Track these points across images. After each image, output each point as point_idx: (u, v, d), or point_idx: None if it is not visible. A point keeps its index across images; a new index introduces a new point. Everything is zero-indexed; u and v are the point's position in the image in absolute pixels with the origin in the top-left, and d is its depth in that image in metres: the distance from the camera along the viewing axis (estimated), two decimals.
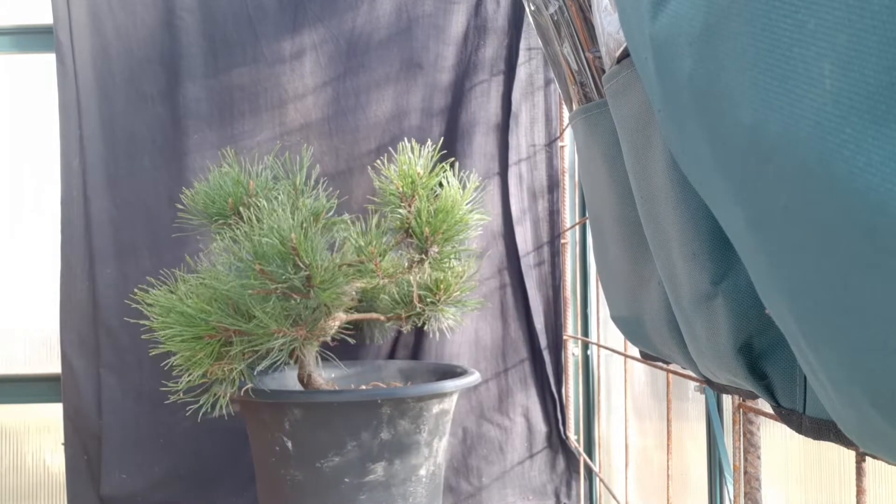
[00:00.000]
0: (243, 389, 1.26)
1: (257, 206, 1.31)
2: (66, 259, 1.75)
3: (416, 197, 1.36)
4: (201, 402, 1.23)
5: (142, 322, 1.25)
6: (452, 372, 1.53)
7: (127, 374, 1.74)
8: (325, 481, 1.31)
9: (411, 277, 1.41)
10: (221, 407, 1.23)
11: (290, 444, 1.33)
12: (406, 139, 1.76)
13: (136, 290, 1.29)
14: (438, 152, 1.41)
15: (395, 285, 1.48)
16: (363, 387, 1.60)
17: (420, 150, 1.40)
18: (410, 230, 1.38)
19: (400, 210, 1.38)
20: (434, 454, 1.38)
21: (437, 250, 1.36)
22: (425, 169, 1.38)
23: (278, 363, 1.23)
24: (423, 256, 1.37)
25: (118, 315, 1.74)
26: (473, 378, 1.42)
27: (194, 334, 1.19)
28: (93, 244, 1.74)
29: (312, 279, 1.21)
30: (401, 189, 1.37)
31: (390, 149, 1.63)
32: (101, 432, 1.73)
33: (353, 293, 1.43)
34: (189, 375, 1.19)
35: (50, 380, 1.83)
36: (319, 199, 1.47)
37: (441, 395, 1.35)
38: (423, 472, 1.35)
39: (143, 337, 1.24)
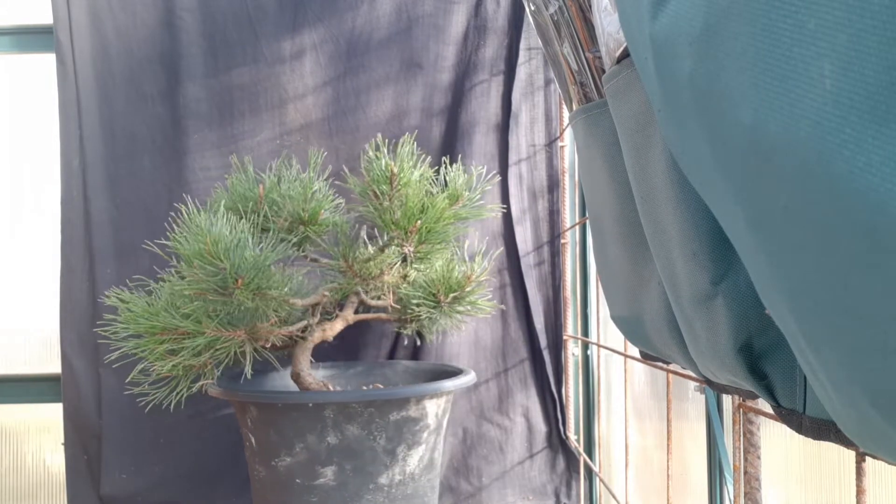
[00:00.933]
0: (198, 385, 1.32)
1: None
2: (66, 259, 1.75)
3: (384, 194, 1.35)
4: (154, 395, 1.35)
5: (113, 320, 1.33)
6: (445, 374, 1.52)
7: (127, 375, 1.74)
8: (281, 480, 1.33)
9: (387, 278, 1.40)
10: (180, 400, 1.34)
11: (254, 440, 1.36)
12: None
13: (106, 294, 1.38)
14: (438, 151, 1.41)
15: (392, 288, 1.47)
16: (348, 387, 1.61)
17: (388, 144, 1.40)
18: (380, 227, 1.37)
19: (361, 208, 1.39)
20: (400, 462, 1.33)
21: (412, 249, 1.34)
22: (400, 163, 1.36)
23: (225, 363, 1.30)
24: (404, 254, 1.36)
25: (118, 315, 1.74)
26: (444, 385, 1.36)
27: (136, 332, 1.28)
28: (93, 244, 1.74)
29: (233, 281, 1.23)
30: (371, 186, 1.36)
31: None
32: (101, 432, 1.73)
33: (326, 293, 1.42)
34: (154, 367, 1.30)
35: (50, 380, 1.83)
36: (319, 201, 1.47)
37: (401, 402, 1.30)
38: (383, 480, 1.32)
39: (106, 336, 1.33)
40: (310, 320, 1.44)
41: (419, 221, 1.32)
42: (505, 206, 1.78)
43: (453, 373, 1.51)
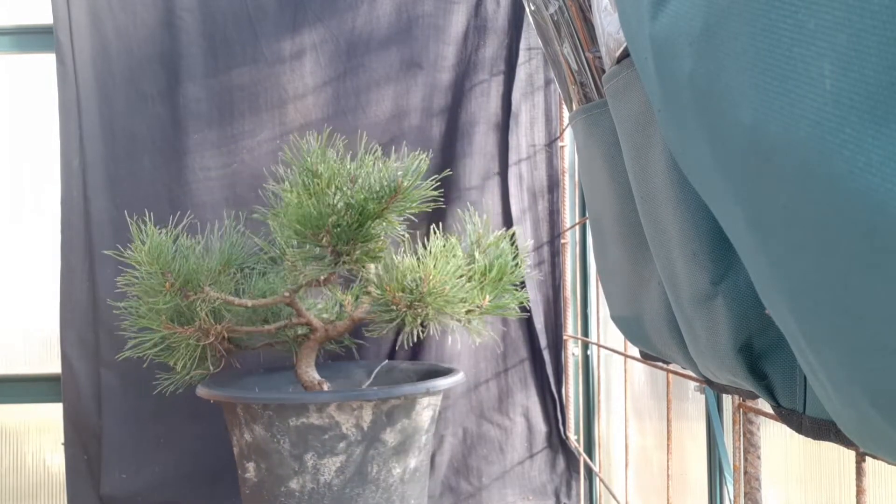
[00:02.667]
0: (188, 375, 1.45)
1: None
2: (66, 259, 1.75)
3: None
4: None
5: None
6: (435, 374, 1.52)
7: (127, 374, 1.74)
8: (232, 468, 1.49)
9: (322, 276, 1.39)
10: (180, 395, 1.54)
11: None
12: (406, 139, 1.77)
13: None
14: (438, 151, 1.40)
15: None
16: (330, 386, 1.60)
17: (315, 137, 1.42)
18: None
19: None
20: (311, 471, 1.32)
21: (347, 249, 1.34)
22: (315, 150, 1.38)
23: (193, 360, 1.42)
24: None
25: (118, 315, 1.74)
26: (319, 396, 1.35)
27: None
28: (93, 244, 1.74)
29: (162, 283, 1.34)
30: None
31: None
32: (101, 432, 1.73)
33: (286, 294, 1.42)
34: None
35: (50, 380, 1.83)
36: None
37: (299, 408, 1.30)
38: (293, 485, 1.33)
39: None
40: (293, 320, 1.46)
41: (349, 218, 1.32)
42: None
43: (435, 374, 1.51)
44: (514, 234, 1.50)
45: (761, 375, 0.53)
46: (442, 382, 1.38)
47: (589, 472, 1.79)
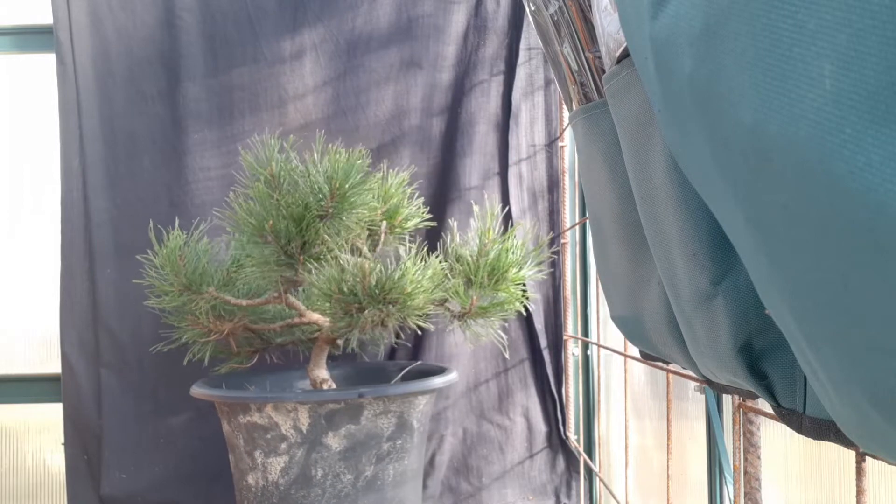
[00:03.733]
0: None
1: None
2: (66, 259, 1.75)
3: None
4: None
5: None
6: (426, 373, 1.53)
7: (127, 374, 1.74)
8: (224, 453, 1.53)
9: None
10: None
11: None
12: (406, 139, 1.77)
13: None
14: (438, 151, 1.41)
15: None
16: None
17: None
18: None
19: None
20: (261, 468, 1.35)
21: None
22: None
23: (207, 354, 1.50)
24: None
25: (118, 315, 1.74)
26: (242, 395, 1.38)
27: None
28: (93, 244, 1.74)
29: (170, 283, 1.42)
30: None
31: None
32: (101, 432, 1.73)
33: (275, 294, 1.43)
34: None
35: (50, 380, 1.83)
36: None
37: (244, 405, 1.33)
38: (251, 480, 1.37)
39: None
40: (296, 319, 1.47)
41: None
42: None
43: (427, 373, 1.51)
44: (516, 228, 1.47)
45: (761, 375, 0.53)
46: (380, 389, 1.34)
47: (589, 471, 1.79)
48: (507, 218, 1.80)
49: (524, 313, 1.72)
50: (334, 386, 1.50)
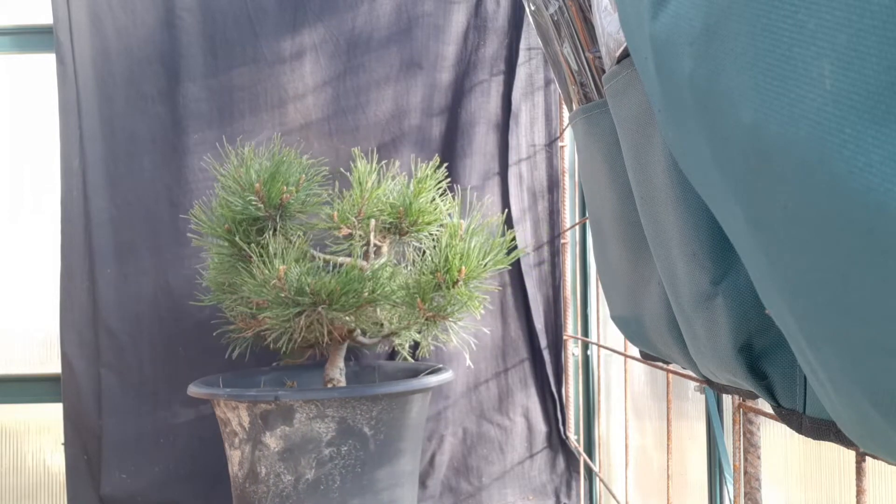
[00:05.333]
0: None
1: None
2: (66, 259, 1.75)
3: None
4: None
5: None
6: (415, 373, 1.55)
7: (127, 374, 1.74)
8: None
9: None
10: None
11: None
12: (406, 139, 1.77)
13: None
14: (438, 151, 1.41)
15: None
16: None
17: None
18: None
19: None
20: (229, 459, 1.42)
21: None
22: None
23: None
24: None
25: (118, 315, 1.74)
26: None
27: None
28: (93, 244, 1.74)
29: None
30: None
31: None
32: (101, 432, 1.73)
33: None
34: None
35: (50, 380, 1.83)
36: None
37: (207, 400, 1.40)
38: (229, 468, 1.45)
39: None
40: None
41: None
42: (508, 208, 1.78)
43: (418, 372, 1.52)
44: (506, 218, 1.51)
45: (761, 375, 0.53)
46: (307, 394, 1.34)
47: (589, 471, 1.79)
48: (508, 218, 1.80)
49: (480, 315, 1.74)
50: (343, 384, 1.51)
